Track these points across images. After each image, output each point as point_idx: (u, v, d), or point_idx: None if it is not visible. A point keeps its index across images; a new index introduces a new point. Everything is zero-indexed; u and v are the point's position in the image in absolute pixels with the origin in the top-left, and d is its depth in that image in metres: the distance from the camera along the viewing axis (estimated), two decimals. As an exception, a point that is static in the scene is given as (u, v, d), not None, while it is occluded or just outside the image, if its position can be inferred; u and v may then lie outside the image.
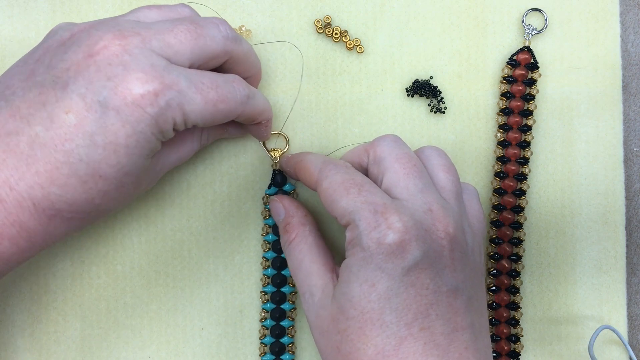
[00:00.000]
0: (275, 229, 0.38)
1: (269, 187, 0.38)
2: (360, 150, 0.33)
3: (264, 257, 0.38)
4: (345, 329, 0.29)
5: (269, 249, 0.38)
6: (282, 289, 0.38)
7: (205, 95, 0.30)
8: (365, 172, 0.33)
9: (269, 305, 0.38)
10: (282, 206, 0.36)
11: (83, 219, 0.31)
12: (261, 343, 0.38)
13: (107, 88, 0.28)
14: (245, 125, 0.36)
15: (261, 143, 0.39)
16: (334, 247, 0.38)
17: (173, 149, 0.34)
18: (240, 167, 0.39)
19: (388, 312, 0.28)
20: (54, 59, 0.29)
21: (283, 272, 0.38)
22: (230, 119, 0.32)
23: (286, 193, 0.38)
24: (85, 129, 0.28)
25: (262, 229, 0.38)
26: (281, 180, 0.38)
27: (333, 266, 0.32)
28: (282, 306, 0.37)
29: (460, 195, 0.33)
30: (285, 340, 0.38)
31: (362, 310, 0.28)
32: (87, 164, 0.28)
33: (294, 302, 0.38)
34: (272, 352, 0.37)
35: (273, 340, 0.37)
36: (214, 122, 0.31)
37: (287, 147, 0.38)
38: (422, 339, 0.28)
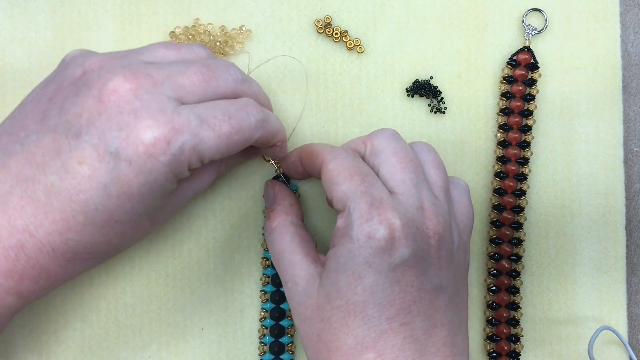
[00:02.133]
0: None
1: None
2: (358, 142, 0.33)
3: (263, 256, 0.38)
4: (329, 317, 0.29)
5: (269, 248, 0.38)
6: (282, 289, 0.38)
7: (217, 130, 0.30)
8: None
9: (269, 305, 0.38)
10: (273, 192, 0.36)
11: (101, 258, 0.32)
12: (261, 342, 0.38)
13: (118, 139, 0.28)
14: (261, 148, 0.36)
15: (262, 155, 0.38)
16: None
17: (190, 185, 0.34)
18: (240, 167, 0.39)
19: (371, 306, 0.29)
20: (66, 102, 0.29)
21: (283, 272, 0.38)
22: (247, 145, 0.32)
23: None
24: (99, 180, 0.28)
25: (263, 228, 0.39)
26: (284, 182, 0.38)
27: (316, 256, 0.32)
28: (281, 305, 0.37)
29: (448, 192, 0.33)
30: (284, 339, 0.38)
31: (347, 301, 0.29)
32: (103, 212, 0.29)
33: (293, 302, 0.38)
34: (272, 351, 0.37)
35: (272, 339, 0.37)
36: (230, 153, 0.31)
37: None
38: (402, 333, 0.29)
